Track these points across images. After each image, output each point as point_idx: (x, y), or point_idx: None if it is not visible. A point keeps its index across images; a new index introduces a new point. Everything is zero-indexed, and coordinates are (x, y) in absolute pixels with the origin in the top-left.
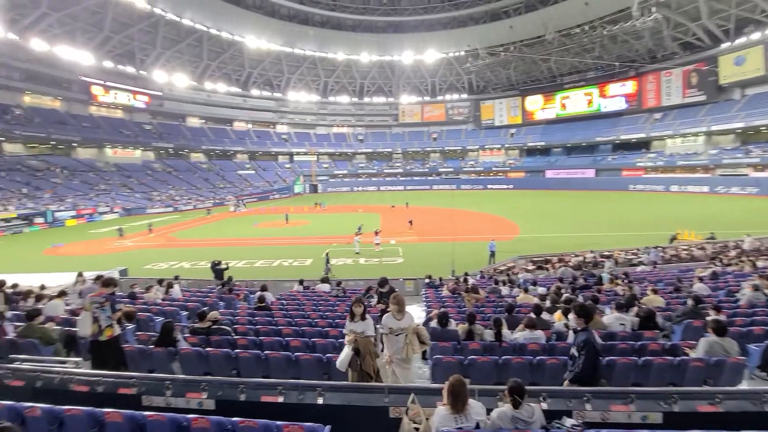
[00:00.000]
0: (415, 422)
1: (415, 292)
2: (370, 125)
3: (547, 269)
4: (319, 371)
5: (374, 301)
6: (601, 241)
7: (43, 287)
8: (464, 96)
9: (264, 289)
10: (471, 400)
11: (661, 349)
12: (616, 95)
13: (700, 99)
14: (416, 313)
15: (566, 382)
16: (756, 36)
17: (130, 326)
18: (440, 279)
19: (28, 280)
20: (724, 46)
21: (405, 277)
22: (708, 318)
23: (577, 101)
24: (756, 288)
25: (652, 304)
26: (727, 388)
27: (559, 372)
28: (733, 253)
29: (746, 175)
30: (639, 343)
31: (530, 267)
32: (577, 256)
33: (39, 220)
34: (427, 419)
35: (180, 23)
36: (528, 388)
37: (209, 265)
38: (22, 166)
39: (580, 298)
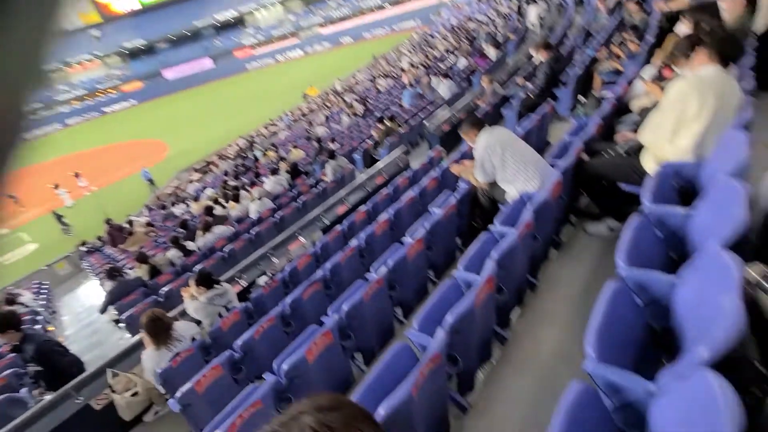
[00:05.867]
0: (130, 390)
1: (75, 271)
2: None
3: (212, 170)
4: None
5: None
6: (246, 124)
7: None
8: None
9: None
10: (174, 323)
11: (309, 188)
12: None
13: None
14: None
15: None
16: None
17: None
18: (99, 238)
19: None
20: None
21: (49, 262)
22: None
23: None
24: (349, 115)
25: (297, 158)
26: (348, 189)
27: (248, 247)
28: (333, 98)
29: (320, 33)
30: (295, 191)
31: (195, 177)
32: (231, 146)
33: None
34: (140, 377)
35: None
36: (225, 280)
37: None
38: None
39: (246, 179)
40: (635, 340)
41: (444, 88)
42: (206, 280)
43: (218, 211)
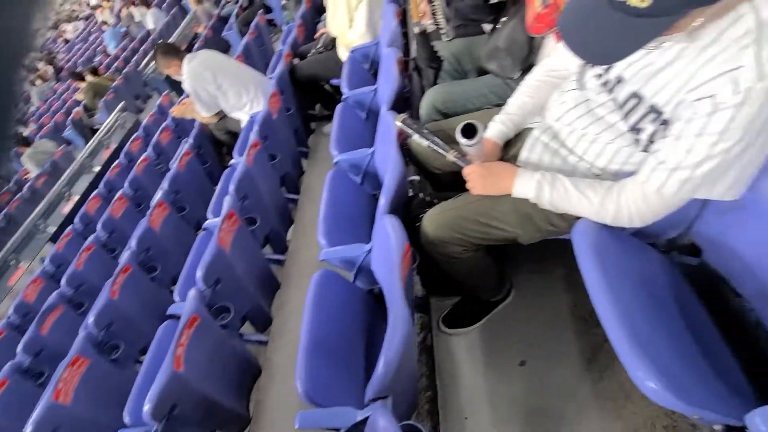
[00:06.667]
0: None
1: None
2: None
3: None
4: None
5: None
6: None
7: None
8: None
9: None
10: None
11: (9, 195)
12: None
13: None
14: None
15: None
16: None
17: None
18: None
19: None
20: None
21: None
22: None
23: None
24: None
25: None
26: (68, 178)
27: None
28: None
29: None
30: None
31: None
32: None
33: None
34: None
35: None
36: None
37: None
38: None
39: None
40: (362, 212)
41: (151, 19)
42: None
43: None
